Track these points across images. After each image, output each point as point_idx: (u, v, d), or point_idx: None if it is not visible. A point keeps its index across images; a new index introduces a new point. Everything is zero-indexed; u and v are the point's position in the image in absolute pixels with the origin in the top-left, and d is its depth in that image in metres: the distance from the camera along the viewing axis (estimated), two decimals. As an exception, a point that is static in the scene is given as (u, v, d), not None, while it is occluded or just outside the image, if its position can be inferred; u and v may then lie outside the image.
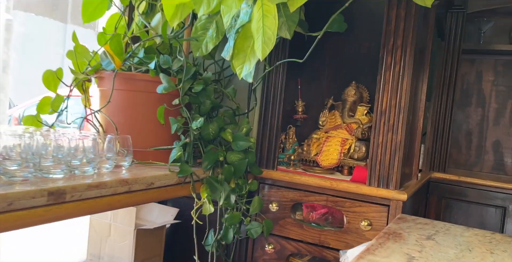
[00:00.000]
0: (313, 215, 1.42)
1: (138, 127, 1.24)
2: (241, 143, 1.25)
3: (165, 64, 1.25)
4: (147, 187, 1.01)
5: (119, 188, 0.93)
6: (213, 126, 1.25)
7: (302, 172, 1.47)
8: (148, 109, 1.24)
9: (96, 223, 1.42)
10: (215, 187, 1.20)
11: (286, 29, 0.96)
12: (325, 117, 1.62)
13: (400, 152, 1.28)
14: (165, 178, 1.08)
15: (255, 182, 1.39)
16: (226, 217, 1.31)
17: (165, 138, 1.27)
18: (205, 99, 1.27)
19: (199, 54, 1.25)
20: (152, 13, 1.37)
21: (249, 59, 0.98)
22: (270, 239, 1.45)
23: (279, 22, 0.95)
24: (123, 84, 1.24)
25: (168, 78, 1.17)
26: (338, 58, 1.74)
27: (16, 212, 0.71)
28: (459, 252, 0.71)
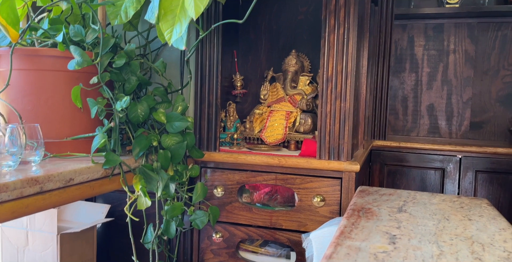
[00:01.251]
0: (256, 196, 1.32)
1: (50, 113, 1.03)
2: (177, 124, 1.09)
3: (76, 36, 1.03)
4: (65, 185, 0.82)
5: (27, 189, 0.73)
6: (142, 107, 1.07)
7: (247, 151, 1.35)
8: (61, 91, 1.03)
9: (9, 233, 1.19)
10: (150, 176, 1.04)
11: (220, -18, 0.80)
12: (267, 91, 1.50)
13: (349, 120, 1.20)
14: (88, 171, 0.89)
15: (197, 167, 1.25)
16: (166, 209, 1.15)
17: (85, 125, 1.07)
18: (130, 75, 1.08)
19: (117, 22, 1.04)
20: (53, -26, 1.13)
21: (179, 20, 0.81)
22: (217, 227, 1.32)
23: (212, -26, 0.79)
24: (25, 62, 1.01)
25: (80, 51, 0.96)
26: (274, 27, 1.62)
27: None
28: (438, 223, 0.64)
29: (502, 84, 2.11)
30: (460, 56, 2.14)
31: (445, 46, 2.15)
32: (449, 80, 2.16)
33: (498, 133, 2.12)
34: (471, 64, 2.13)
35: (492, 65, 2.11)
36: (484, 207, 0.73)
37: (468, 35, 2.12)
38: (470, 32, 2.12)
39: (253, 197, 1.32)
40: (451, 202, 0.77)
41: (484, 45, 2.11)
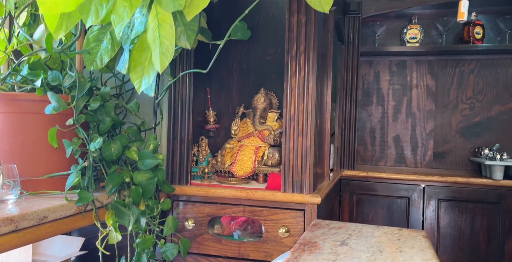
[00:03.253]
0: (233, 224, 1.38)
1: (27, 154, 1.10)
2: (148, 161, 1.17)
3: (54, 81, 1.12)
4: (39, 222, 0.89)
5: (2, 228, 0.79)
6: (116, 146, 1.15)
7: (217, 184, 1.42)
8: (38, 133, 1.10)
9: (-15, 266, 1.23)
10: (122, 211, 1.10)
11: (185, 38, 0.90)
12: (237, 126, 1.59)
13: (311, 156, 1.29)
14: (61, 209, 0.96)
15: (168, 201, 1.32)
16: (137, 242, 1.21)
17: (61, 163, 1.13)
18: (104, 116, 1.16)
19: (93, 68, 1.14)
20: (35, 24, 1.23)
21: (147, 72, 0.90)
22: (188, 258, 1.38)
23: (177, 32, 0.89)
24: (4, 106, 1.09)
25: (57, 97, 1.05)
26: (245, 66, 1.73)
27: None
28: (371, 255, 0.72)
29: (461, 116, 2.25)
30: (422, 90, 2.28)
31: (408, 81, 2.30)
32: (413, 112, 2.30)
33: (459, 163, 2.25)
34: (432, 98, 2.28)
35: (451, 99, 2.26)
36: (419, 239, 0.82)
37: (428, 71, 2.28)
38: (430, 68, 2.28)
39: (230, 225, 1.38)
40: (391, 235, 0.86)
41: (443, 81, 2.27)
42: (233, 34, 1.20)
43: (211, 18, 1.60)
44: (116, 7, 0.85)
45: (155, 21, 0.84)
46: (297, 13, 1.29)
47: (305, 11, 1.28)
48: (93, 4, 0.87)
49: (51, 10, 0.84)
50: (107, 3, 0.86)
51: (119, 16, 0.85)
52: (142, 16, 0.90)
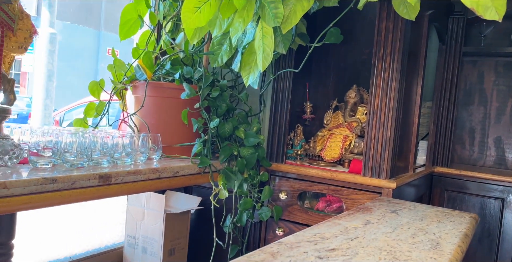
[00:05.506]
0: (328, 208, 1.63)
1: (166, 127, 1.49)
2: (252, 140, 1.48)
3: (187, 74, 1.49)
4: (173, 175, 1.26)
5: (151, 174, 1.17)
6: (228, 126, 1.48)
7: (308, 165, 1.68)
8: (174, 112, 1.49)
9: (132, 209, 1.68)
10: (230, 176, 1.44)
11: (282, 46, 1.18)
12: (329, 117, 1.82)
13: (390, 146, 1.47)
14: (188, 168, 1.32)
15: (266, 174, 1.62)
16: (240, 202, 1.54)
17: (188, 136, 1.51)
18: (221, 103, 1.50)
19: (216, 65, 1.48)
20: (177, 31, 1.62)
21: (253, 71, 1.21)
22: (280, 224, 1.67)
23: (276, 41, 1.17)
24: (153, 91, 1.50)
25: (190, 86, 1.42)
26: (342, 64, 1.94)
27: (76, 189, 0.97)
28: (411, 221, 0.91)
29: None
30: (530, 92, 2.21)
31: (516, 82, 2.24)
32: (518, 114, 2.24)
33: None
34: (541, 100, 2.19)
35: None
36: (464, 218, 0.96)
37: (540, 72, 2.19)
38: (542, 69, 2.19)
39: (326, 209, 1.63)
40: (441, 212, 1.02)
41: (557, 82, 2.16)
42: (327, 39, 1.43)
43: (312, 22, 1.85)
44: (233, 22, 1.17)
45: (260, 33, 1.13)
46: (385, 20, 1.47)
47: (393, 18, 1.46)
48: (217, 20, 1.20)
49: (190, 25, 1.19)
50: (228, 19, 1.17)
51: (235, 29, 1.16)
52: (252, 28, 1.20)
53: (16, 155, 1.00)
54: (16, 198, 0.84)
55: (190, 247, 1.73)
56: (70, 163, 1.08)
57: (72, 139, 1.13)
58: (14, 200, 0.83)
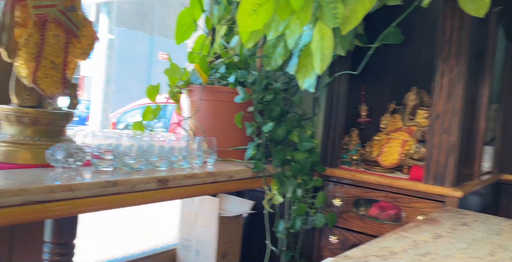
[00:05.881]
0: (383, 215, 1.56)
1: (220, 130, 1.49)
2: (306, 144, 1.45)
3: (242, 78, 1.49)
4: (228, 179, 1.25)
5: (207, 178, 1.17)
6: (282, 130, 1.46)
7: (364, 170, 1.62)
8: (228, 116, 1.49)
9: (186, 212, 1.70)
10: (283, 181, 1.41)
11: (341, 47, 1.13)
12: (387, 121, 1.75)
13: (454, 152, 1.38)
14: (242, 172, 1.31)
15: (320, 179, 1.57)
16: (293, 208, 1.51)
17: (242, 139, 1.50)
18: (275, 106, 1.48)
19: (270, 68, 1.46)
20: (231, 34, 1.62)
21: (309, 73, 1.17)
22: (334, 230, 1.62)
23: (335, 42, 1.13)
24: (208, 95, 1.50)
25: (244, 90, 1.41)
26: (400, 65, 1.86)
27: (136, 193, 0.98)
28: (486, 235, 0.83)
29: None
30: None
31: None
32: None
33: None
34: None
35: None
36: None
37: None
38: None
39: (380, 215, 1.57)
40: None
41: None
42: (386, 39, 1.37)
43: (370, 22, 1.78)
44: (290, 25, 1.14)
45: (318, 34, 1.09)
46: (451, 18, 1.38)
47: (459, 16, 1.37)
48: (273, 23, 1.18)
49: (246, 29, 1.18)
50: (284, 22, 1.15)
51: (292, 31, 1.13)
52: (308, 30, 1.17)
53: (80, 157, 1.03)
54: (80, 201, 0.86)
55: (242, 251, 1.72)
56: (130, 166, 1.10)
57: (131, 142, 1.15)
58: (78, 202, 0.86)
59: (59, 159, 1.01)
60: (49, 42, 1.14)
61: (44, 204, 0.80)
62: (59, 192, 0.82)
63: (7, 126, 1.10)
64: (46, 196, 0.80)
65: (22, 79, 1.11)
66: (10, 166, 1.02)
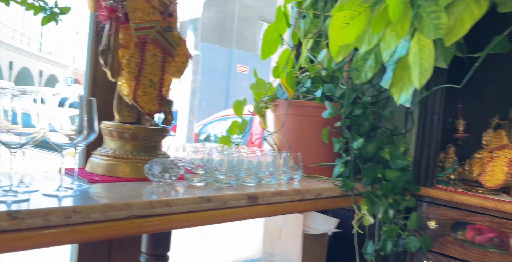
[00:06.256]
0: (479, 238, 1.42)
1: (306, 146, 1.47)
2: (399, 162, 1.36)
3: (329, 92, 1.45)
4: (316, 197, 1.21)
5: (295, 196, 1.15)
6: (372, 146, 1.39)
7: (463, 191, 1.48)
8: (314, 131, 1.46)
9: (269, 227, 1.69)
10: (374, 201, 1.34)
11: (442, 59, 1.05)
12: (490, 137, 1.58)
13: None
14: (330, 190, 1.27)
15: (413, 199, 1.47)
16: (384, 229, 1.42)
17: (328, 156, 1.46)
18: (364, 121, 1.42)
19: (359, 81, 1.41)
20: (317, 48, 1.60)
21: (406, 88, 1.10)
22: (428, 255, 1.49)
23: (436, 54, 1.05)
24: (294, 110, 1.49)
25: (332, 105, 1.37)
26: (505, 75, 1.68)
27: (228, 209, 0.99)
28: None
29: None
30: None
31: None
32: None
33: None
34: None
35: None
36: None
37: None
38: None
39: (475, 239, 1.43)
40: None
41: None
42: (491, 48, 1.25)
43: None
44: (384, 37, 1.09)
45: (416, 46, 1.02)
46: None
47: None
48: (366, 35, 1.13)
49: (337, 42, 1.14)
50: (378, 34, 1.10)
51: (387, 43, 1.08)
52: (405, 42, 1.10)
53: (175, 172, 1.07)
54: (176, 216, 0.88)
55: (326, 271, 1.66)
56: (221, 182, 1.11)
57: (221, 157, 1.17)
58: (174, 217, 0.88)
59: (156, 173, 1.05)
60: (148, 62, 1.20)
61: (145, 219, 0.83)
62: (158, 207, 0.85)
63: (110, 141, 1.18)
64: (147, 211, 0.83)
65: (123, 97, 1.19)
66: (112, 179, 1.09)
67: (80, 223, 0.75)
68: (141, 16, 1.19)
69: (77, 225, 0.74)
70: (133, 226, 0.81)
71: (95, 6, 1.18)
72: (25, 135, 0.82)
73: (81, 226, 0.75)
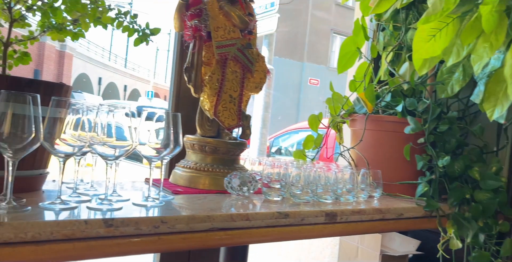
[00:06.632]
0: None
1: (385, 162, 1.41)
2: (490, 182, 1.25)
3: (410, 106, 1.39)
4: (398, 217, 1.15)
5: (375, 215, 1.10)
6: (459, 164, 1.30)
7: None
8: (395, 147, 1.40)
9: (345, 245, 1.64)
10: (461, 223, 1.24)
11: (544, 71, 0.96)
12: None
13: None
14: (413, 210, 1.20)
15: (506, 223, 1.34)
16: (473, 255, 1.31)
17: (410, 173, 1.39)
18: (450, 138, 1.33)
19: (444, 96, 1.33)
20: (398, 61, 1.54)
21: (501, 103, 1.02)
22: (525, 287, 1.34)
23: (536, 66, 0.96)
24: (372, 125, 1.44)
25: (415, 120, 1.30)
26: None
27: (305, 226, 0.98)
28: None
29: None
30: None
31: None
32: None
33: None
34: None
35: None
36: None
37: None
38: None
39: None
40: None
41: None
42: None
43: None
44: (476, 48, 1.02)
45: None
46: None
47: None
48: (455, 47, 1.07)
49: (422, 55, 1.09)
50: (468, 45, 1.03)
51: (479, 55, 1.01)
52: (499, 53, 1.02)
53: (253, 186, 1.08)
54: (255, 230, 0.89)
55: (406, 296, 1.56)
56: (297, 197, 1.10)
57: (297, 172, 1.16)
58: (254, 232, 0.89)
59: (235, 186, 1.07)
60: (228, 78, 1.25)
61: (225, 231, 0.85)
62: (238, 221, 0.86)
63: (192, 154, 1.23)
64: (227, 223, 0.85)
65: (205, 112, 1.24)
66: (193, 190, 1.14)
67: (167, 232, 0.78)
68: (223, 34, 1.24)
69: (164, 234, 0.78)
70: (214, 238, 0.83)
71: (181, 26, 1.26)
72: (119, 148, 0.88)
73: (168, 236, 0.78)
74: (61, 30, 1.05)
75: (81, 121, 0.89)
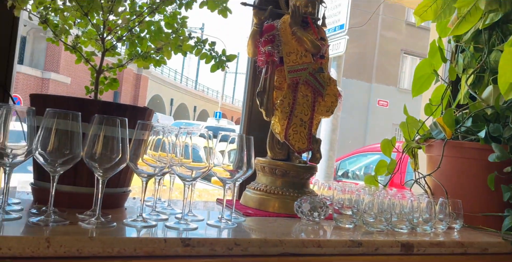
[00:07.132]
0: None
1: (466, 192, 1.32)
2: None
3: (495, 132, 1.29)
4: (481, 252, 1.06)
5: (456, 249, 1.03)
6: (553, 197, 1.17)
7: None
8: (477, 176, 1.30)
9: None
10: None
11: None
12: None
13: None
14: (499, 245, 1.10)
15: None
16: None
17: (494, 204, 1.28)
18: (542, 167, 1.22)
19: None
20: (479, 84, 1.46)
21: None
22: None
23: None
24: (451, 151, 1.36)
25: (500, 147, 1.21)
26: None
27: (379, 256, 0.93)
28: None
29: None
30: None
31: None
32: None
33: None
34: None
35: None
36: None
37: None
38: None
39: None
40: None
41: None
42: None
43: None
44: None
45: None
46: None
47: None
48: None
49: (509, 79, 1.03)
50: None
51: None
52: None
53: (324, 212, 1.07)
54: (327, 258, 0.87)
55: None
56: (370, 225, 1.06)
57: (370, 198, 1.12)
58: (326, 259, 0.87)
59: (305, 211, 1.06)
60: (299, 102, 1.26)
61: (297, 257, 0.84)
62: (310, 247, 0.85)
63: (262, 176, 1.25)
64: (298, 249, 0.84)
65: (276, 135, 1.25)
66: (263, 213, 1.14)
67: (239, 255, 0.79)
68: (295, 59, 1.26)
69: (237, 256, 0.79)
70: (286, 264, 0.82)
71: (255, 52, 1.30)
72: (196, 169, 0.92)
73: (240, 258, 0.79)
74: (146, 58, 1.14)
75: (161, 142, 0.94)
